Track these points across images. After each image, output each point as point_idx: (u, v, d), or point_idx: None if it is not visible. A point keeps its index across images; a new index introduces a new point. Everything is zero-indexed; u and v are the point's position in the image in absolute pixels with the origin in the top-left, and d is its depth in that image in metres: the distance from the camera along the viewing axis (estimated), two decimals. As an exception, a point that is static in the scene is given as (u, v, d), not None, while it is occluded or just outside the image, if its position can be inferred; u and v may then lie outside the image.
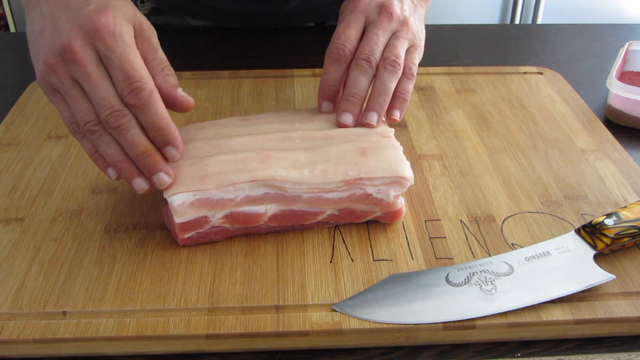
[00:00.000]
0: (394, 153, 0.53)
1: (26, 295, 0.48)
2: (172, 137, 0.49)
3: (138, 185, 0.49)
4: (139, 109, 0.47)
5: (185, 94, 0.51)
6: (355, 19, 0.59)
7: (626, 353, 0.46)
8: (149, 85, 0.46)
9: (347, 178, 0.51)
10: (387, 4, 0.59)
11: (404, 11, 0.60)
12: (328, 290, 0.48)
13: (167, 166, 0.49)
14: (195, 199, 0.49)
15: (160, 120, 0.48)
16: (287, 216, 0.52)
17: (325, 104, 0.59)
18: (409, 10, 0.61)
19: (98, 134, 0.48)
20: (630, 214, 0.51)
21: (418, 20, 0.62)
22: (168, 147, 0.49)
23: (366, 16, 0.60)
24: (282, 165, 0.51)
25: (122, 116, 0.47)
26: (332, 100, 0.59)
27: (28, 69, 0.85)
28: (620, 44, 0.80)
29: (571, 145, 0.66)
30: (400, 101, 0.58)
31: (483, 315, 0.46)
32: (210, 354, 0.46)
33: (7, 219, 0.55)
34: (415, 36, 0.61)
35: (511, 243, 0.53)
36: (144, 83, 0.46)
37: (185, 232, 0.51)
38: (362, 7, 0.60)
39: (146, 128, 0.48)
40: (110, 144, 0.48)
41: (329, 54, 0.58)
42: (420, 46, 0.62)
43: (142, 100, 0.46)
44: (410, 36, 0.60)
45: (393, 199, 0.52)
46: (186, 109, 0.51)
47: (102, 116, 0.47)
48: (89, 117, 0.47)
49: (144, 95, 0.46)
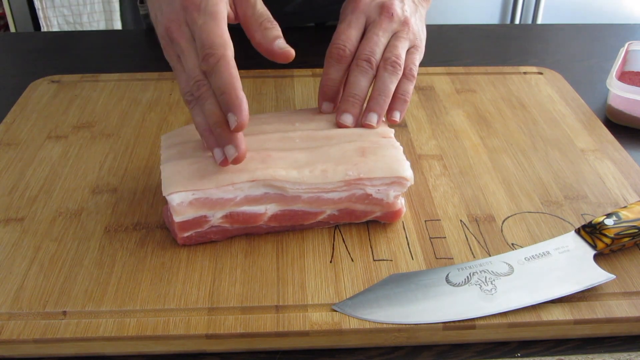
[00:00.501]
0: (394, 153, 0.53)
1: (26, 295, 0.48)
2: (233, 103, 0.47)
3: (216, 155, 0.49)
4: (209, 76, 0.48)
5: (285, 45, 0.52)
6: (356, 19, 0.59)
7: (626, 353, 0.46)
8: (218, 52, 0.48)
9: (346, 178, 0.51)
10: (387, 4, 0.59)
11: (405, 11, 0.60)
12: (328, 290, 0.48)
13: (236, 139, 0.48)
14: (195, 198, 0.49)
15: (224, 85, 0.47)
16: (287, 216, 0.52)
17: (325, 104, 0.58)
18: (410, 10, 0.61)
19: (192, 104, 0.50)
20: (630, 214, 0.51)
21: (419, 21, 0.62)
22: (229, 114, 0.47)
23: (367, 16, 0.60)
24: (282, 165, 0.51)
25: (202, 85, 0.49)
26: (332, 101, 0.58)
27: (28, 69, 0.86)
28: (620, 44, 0.80)
29: (571, 145, 0.66)
30: (401, 102, 0.58)
31: (483, 315, 0.46)
32: (210, 354, 0.46)
33: (7, 219, 0.55)
34: (416, 37, 0.61)
35: (511, 243, 0.53)
36: (213, 50, 0.48)
37: (184, 232, 0.51)
38: (362, 7, 0.60)
39: (216, 95, 0.49)
40: (198, 114, 0.50)
41: (329, 54, 0.58)
42: (421, 47, 0.61)
43: (210, 66, 0.48)
44: (411, 36, 0.60)
45: (393, 199, 0.52)
46: (286, 60, 0.52)
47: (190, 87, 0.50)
48: (185, 89, 0.50)
49: (211, 62, 0.48)
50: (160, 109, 0.72)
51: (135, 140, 0.66)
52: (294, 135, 0.55)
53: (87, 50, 0.90)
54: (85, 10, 2.02)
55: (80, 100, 0.73)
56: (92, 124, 0.69)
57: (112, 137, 0.66)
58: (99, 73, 0.79)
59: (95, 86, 0.76)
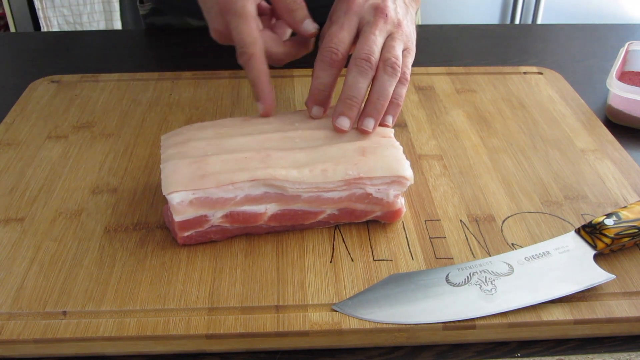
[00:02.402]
0: (394, 152, 0.53)
1: (26, 295, 0.48)
2: (260, 93, 0.57)
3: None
4: (244, 68, 0.57)
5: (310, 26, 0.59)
6: (349, 21, 0.58)
7: (626, 353, 0.46)
8: (249, 50, 0.56)
9: (346, 177, 0.51)
10: (382, 6, 0.58)
11: (398, 13, 0.59)
12: (328, 290, 0.48)
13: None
14: (195, 197, 0.49)
15: (254, 79, 0.56)
16: (287, 216, 0.52)
17: (316, 108, 0.57)
18: (402, 12, 0.60)
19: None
20: (630, 214, 0.51)
21: (410, 22, 0.62)
22: (258, 102, 0.57)
23: (360, 18, 0.58)
24: (282, 165, 0.51)
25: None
26: (322, 105, 0.57)
27: (28, 69, 0.86)
28: (620, 44, 0.80)
29: (571, 145, 0.66)
30: (394, 106, 0.57)
31: (483, 315, 0.46)
32: (210, 354, 0.46)
33: (7, 219, 0.55)
34: (409, 39, 0.60)
35: (511, 243, 0.53)
36: (245, 49, 0.56)
37: (184, 231, 0.51)
38: (356, 9, 0.59)
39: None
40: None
41: (321, 57, 0.57)
42: (413, 49, 0.61)
43: (242, 62, 0.56)
44: (404, 38, 0.59)
45: (393, 199, 0.52)
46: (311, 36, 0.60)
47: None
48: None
49: (244, 59, 0.56)
50: (160, 109, 0.72)
51: (135, 140, 0.66)
52: (294, 135, 0.55)
53: (87, 50, 0.90)
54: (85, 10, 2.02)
55: (80, 100, 0.73)
56: (92, 124, 0.69)
57: (112, 137, 0.66)
58: (99, 73, 0.79)
59: (95, 86, 0.76)
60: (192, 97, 0.74)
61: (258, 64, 0.56)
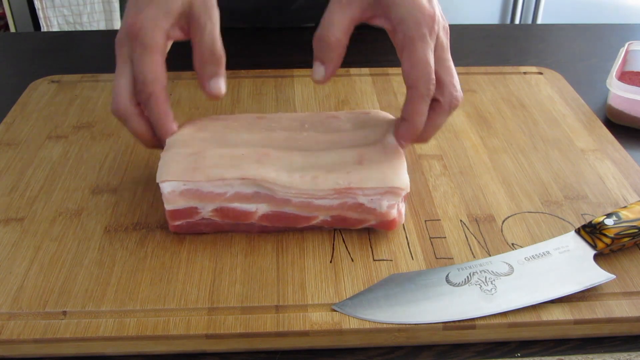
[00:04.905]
0: (393, 161, 0.51)
1: (26, 295, 0.48)
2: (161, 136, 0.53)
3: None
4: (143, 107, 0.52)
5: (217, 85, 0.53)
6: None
7: (626, 353, 0.46)
8: (148, 89, 0.51)
9: (336, 187, 0.50)
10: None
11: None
12: (328, 290, 0.48)
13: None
14: (185, 188, 0.50)
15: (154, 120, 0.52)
16: (279, 217, 0.52)
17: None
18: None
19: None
20: (630, 214, 0.51)
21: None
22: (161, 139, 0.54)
23: None
24: (276, 167, 0.51)
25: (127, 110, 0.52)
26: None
27: (28, 69, 0.86)
28: (620, 44, 0.80)
29: (571, 145, 0.66)
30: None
31: (483, 315, 0.46)
32: (210, 354, 0.46)
33: (7, 219, 0.55)
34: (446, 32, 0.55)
35: (511, 243, 0.53)
36: (144, 86, 0.51)
37: (175, 220, 0.51)
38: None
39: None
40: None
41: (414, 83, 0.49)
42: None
43: (142, 100, 0.52)
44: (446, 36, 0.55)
45: (386, 209, 0.51)
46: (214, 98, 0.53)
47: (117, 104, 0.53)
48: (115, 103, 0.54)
49: (143, 97, 0.51)
50: (160, 109, 0.71)
51: (135, 140, 0.66)
52: (299, 136, 0.54)
53: (87, 50, 0.90)
54: (85, 10, 2.02)
55: (80, 100, 0.73)
56: (92, 124, 0.69)
57: (112, 137, 0.66)
58: (99, 73, 0.79)
59: (95, 86, 0.76)
60: (192, 97, 0.74)
61: (159, 104, 0.51)
